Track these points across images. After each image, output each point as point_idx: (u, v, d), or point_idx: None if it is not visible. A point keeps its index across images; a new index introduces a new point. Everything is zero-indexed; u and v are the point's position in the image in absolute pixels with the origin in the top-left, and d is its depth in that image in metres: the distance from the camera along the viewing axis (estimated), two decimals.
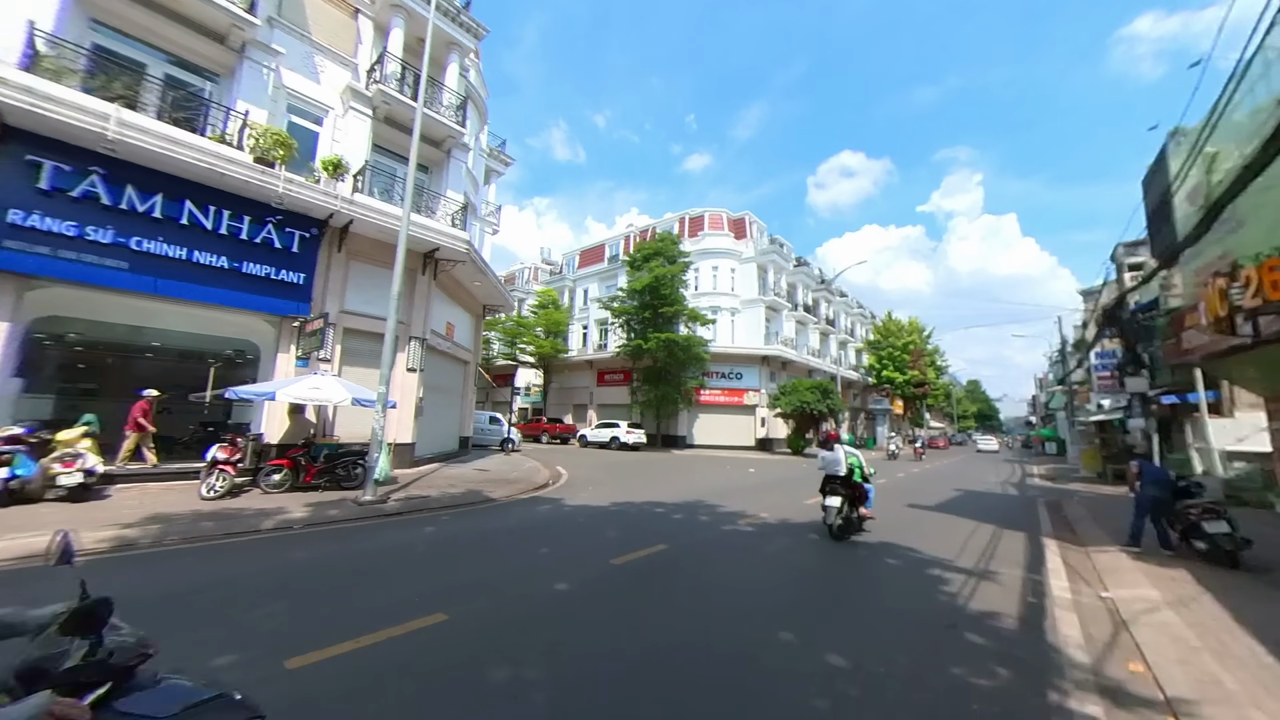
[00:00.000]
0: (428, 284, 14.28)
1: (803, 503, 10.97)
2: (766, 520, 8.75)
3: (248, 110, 10.95)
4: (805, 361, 36.18)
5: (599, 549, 6.39)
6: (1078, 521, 9.72)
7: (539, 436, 33.22)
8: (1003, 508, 11.89)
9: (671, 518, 8.83)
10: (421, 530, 7.33)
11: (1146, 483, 7.16)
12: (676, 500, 10.71)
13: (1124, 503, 11.91)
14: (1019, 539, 8.13)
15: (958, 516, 9.97)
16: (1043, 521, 9.96)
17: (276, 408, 11.12)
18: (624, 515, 8.96)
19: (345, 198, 11.41)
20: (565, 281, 42.50)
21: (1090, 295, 36.27)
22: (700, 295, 34.29)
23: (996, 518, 10.11)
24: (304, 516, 7.63)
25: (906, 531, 8.29)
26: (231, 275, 10.44)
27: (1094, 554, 7.08)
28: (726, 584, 5.26)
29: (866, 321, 53.22)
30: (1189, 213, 13.40)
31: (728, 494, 11.92)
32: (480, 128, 20.07)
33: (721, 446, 31.74)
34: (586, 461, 20.00)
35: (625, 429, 28.02)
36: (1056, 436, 40.86)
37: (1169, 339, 12.69)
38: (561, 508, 9.64)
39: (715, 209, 35.86)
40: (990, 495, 14.32)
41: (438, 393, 16.79)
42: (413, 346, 13.81)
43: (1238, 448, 15.19)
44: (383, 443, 9.11)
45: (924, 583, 5.50)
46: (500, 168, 22.92)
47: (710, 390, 32.31)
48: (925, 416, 57.70)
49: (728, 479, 15.53)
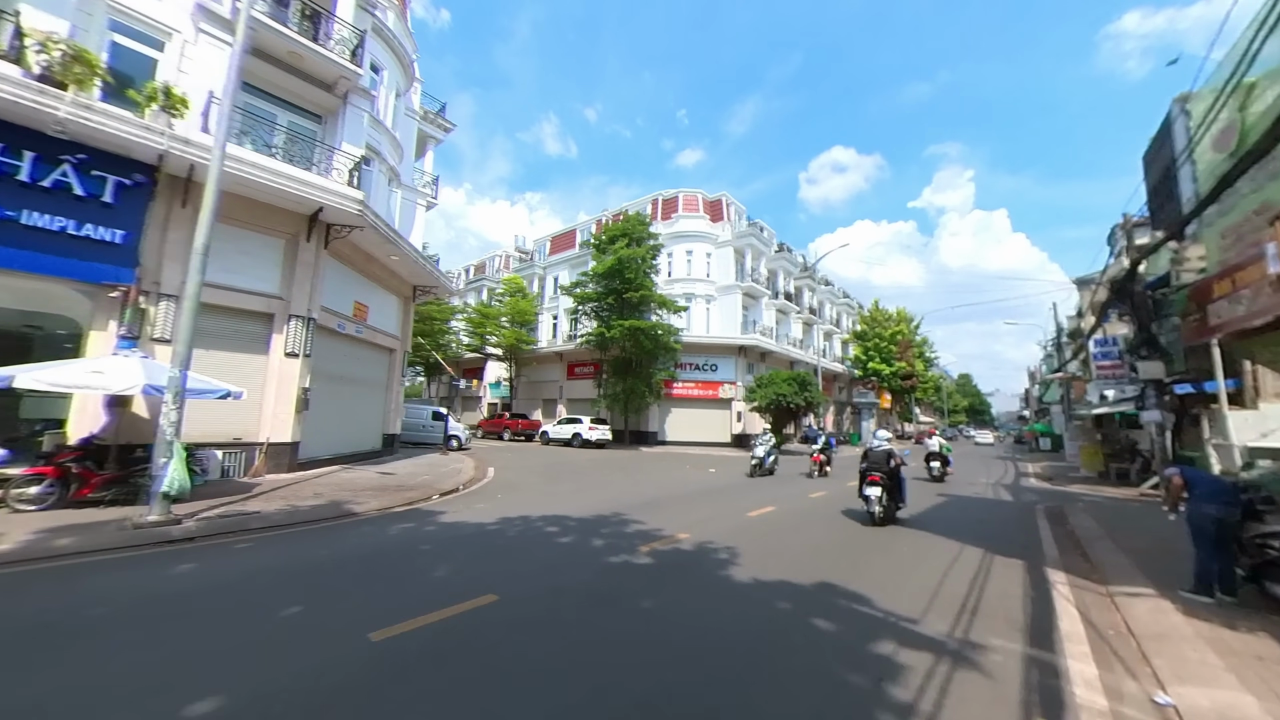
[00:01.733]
0: (315, 253, 11.93)
1: (745, 515, 8.80)
2: (680, 546, 6.56)
3: (38, 22, 8.54)
4: (786, 352, 34.06)
5: (388, 605, 4.19)
6: (1090, 540, 7.62)
7: (501, 433, 30.98)
8: (994, 519, 9.79)
9: (557, 542, 6.63)
10: (171, 569, 5.10)
11: (1200, 499, 5.03)
12: (589, 513, 8.53)
13: (1140, 511, 9.75)
14: (1015, 572, 5.99)
15: (936, 535, 7.83)
16: (1045, 540, 7.85)
17: (88, 400, 8.80)
18: (497, 539, 6.75)
19: (176, 136, 9.05)
20: (535, 269, 40.09)
21: (1085, 284, 34.45)
22: (673, 281, 32.06)
23: (986, 535, 7.99)
24: (26, 545, 5.37)
25: (862, 563, 6.13)
26: (8, 227, 8.09)
27: (1124, 601, 4.95)
28: (524, 684, 3.07)
29: (853, 312, 51.19)
30: (1214, 162, 11.29)
31: (660, 503, 9.74)
32: (407, 85, 17.67)
33: (695, 443, 29.61)
34: (532, 462, 17.78)
35: (588, 425, 25.80)
36: (1051, 432, 39.06)
37: (1190, 315, 10.60)
38: (427, 526, 7.42)
39: (690, 190, 33.58)
40: (979, 502, 12.24)
41: (347, 384, 14.48)
42: (293, 327, 11.49)
43: (1262, 443, 13.18)
44: (173, 444, 6.81)
45: (859, 680, 3.31)
46: (438, 133, 20.53)
47: (683, 383, 30.13)
48: (915, 411, 55.91)
49: (675, 482, 13.35)
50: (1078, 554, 6.92)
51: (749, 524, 8.09)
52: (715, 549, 6.38)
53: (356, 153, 12.50)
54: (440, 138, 20.64)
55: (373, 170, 14.90)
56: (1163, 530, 8.20)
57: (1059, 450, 33.74)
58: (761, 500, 10.45)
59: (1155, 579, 5.48)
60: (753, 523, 8.21)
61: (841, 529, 7.97)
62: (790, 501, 10.66)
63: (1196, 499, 5.03)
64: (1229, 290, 8.87)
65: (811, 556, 6.23)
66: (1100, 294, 26.10)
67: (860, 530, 7.88)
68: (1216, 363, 14.29)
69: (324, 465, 12.77)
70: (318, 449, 12.76)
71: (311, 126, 12.82)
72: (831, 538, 7.31)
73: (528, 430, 30.33)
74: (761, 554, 6.24)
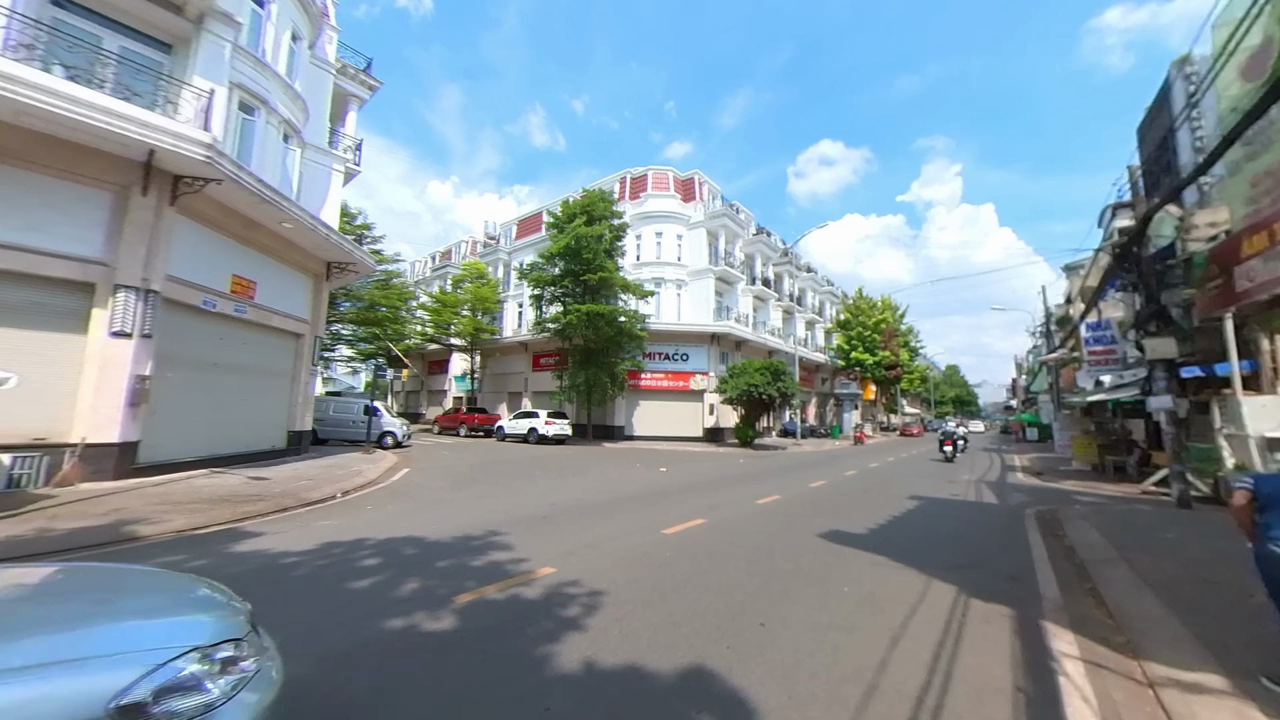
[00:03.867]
0: (155, 210, 9.71)
1: (659, 532, 6.83)
2: (523, 591, 4.57)
3: None
4: (763, 341, 32.20)
5: None
6: (1098, 564, 5.75)
7: (458, 429, 28.85)
8: (974, 532, 7.93)
9: (354, 586, 4.61)
10: None
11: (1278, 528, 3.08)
12: (456, 533, 6.53)
13: (1150, 516, 7.57)
14: (1000, 631, 4.08)
15: (897, 562, 5.92)
16: (1039, 565, 5.95)
17: None
18: (281, 577, 4.71)
19: None
20: (500, 254, 37.77)
21: (1074, 270, 32.91)
22: (642, 265, 29.99)
23: (963, 558, 6.11)
24: None
25: (776, 620, 4.20)
26: None
27: (1176, 698, 3.04)
28: None
29: (837, 301, 49.45)
30: (1238, 97, 9.47)
31: (561, 516, 7.75)
32: (313, 31, 15.35)
33: (665, 438, 27.70)
34: (463, 461, 15.72)
35: (544, 420, 23.76)
36: (1038, 422, 37.67)
37: (1210, 282, 8.76)
38: (201, 559, 5.36)
39: (660, 167, 31.42)
40: (957, 505, 10.40)
41: (229, 373, 12.32)
42: (123, 300, 9.30)
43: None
44: None
45: None
46: (362, 92, 18.20)
47: (651, 373, 28.15)
48: (901, 402, 54.51)
49: (609, 486, 11.38)
50: (1086, 591, 5.02)
51: (652, 548, 6.13)
52: (571, 597, 4.40)
53: (207, 87, 10.24)
54: (365, 97, 18.31)
55: (256, 120, 12.64)
56: (1191, 547, 6.37)
57: (1047, 441, 32.29)
58: (695, 510, 8.51)
59: (1212, 645, 3.58)
60: (659, 546, 6.25)
61: (775, 556, 6.04)
62: (730, 509, 8.73)
63: (1272, 528, 3.09)
64: (1266, 245, 7.02)
65: (706, 608, 4.27)
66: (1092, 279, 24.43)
67: (797, 561, 5.94)
68: (1230, 341, 12.49)
69: (185, 469, 10.62)
70: (176, 450, 10.62)
71: (158, 57, 10.55)
72: (754, 572, 5.37)
73: (486, 425, 28.22)
74: (635, 605, 4.28)
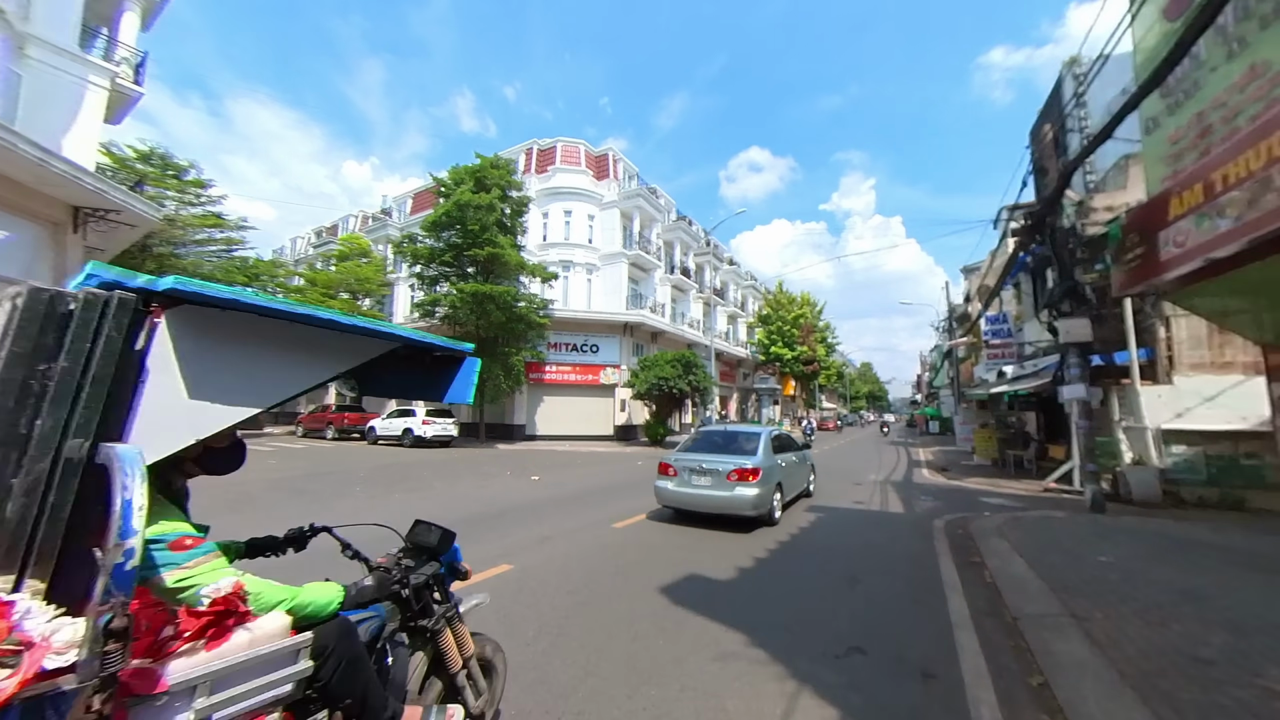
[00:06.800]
0: None
1: None
2: None
3: None
4: (681, 333, 30.52)
5: None
6: (1038, 628, 3.95)
7: (324, 431, 24.53)
8: (874, 570, 6.08)
9: None
10: None
11: None
12: None
13: (1065, 525, 5.62)
14: None
15: (753, 648, 3.79)
16: (961, 641, 3.97)
17: None
18: None
19: None
20: (391, 229, 33.26)
21: (972, 272, 34.34)
22: (549, 246, 27.17)
23: (853, 632, 4.11)
24: None
25: None
26: None
27: None
28: None
29: (759, 296, 49.30)
30: (1157, 45, 8.51)
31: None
32: None
33: (572, 437, 25.15)
34: (282, 472, 12.15)
35: (422, 419, 20.35)
36: (939, 415, 39.23)
37: (1127, 255, 7.54)
38: None
39: (571, 140, 28.68)
40: (859, 520, 8.72)
41: None
42: None
43: (1176, 425, 11.06)
44: None
45: None
46: None
47: (557, 366, 25.47)
48: (819, 397, 55.68)
49: (437, 505, 8.62)
50: (1034, 694, 3.10)
51: None
52: None
53: None
54: None
55: None
56: (1138, 583, 4.77)
57: (947, 434, 33.42)
58: (519, 543, 6.03)
59: None
60: None
61: (571, 637, 3.70)
62: (567, 540, 6.35)
63: None
64: (1201, 200, 5.70)
65: None
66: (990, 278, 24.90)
67: (602, 648, 3.64)
68: (1129, 326, 12.08)
69: None
70: None
71: None
72: (518, 677, 2.97)
73: (358, 426, 24.16)
74: None
